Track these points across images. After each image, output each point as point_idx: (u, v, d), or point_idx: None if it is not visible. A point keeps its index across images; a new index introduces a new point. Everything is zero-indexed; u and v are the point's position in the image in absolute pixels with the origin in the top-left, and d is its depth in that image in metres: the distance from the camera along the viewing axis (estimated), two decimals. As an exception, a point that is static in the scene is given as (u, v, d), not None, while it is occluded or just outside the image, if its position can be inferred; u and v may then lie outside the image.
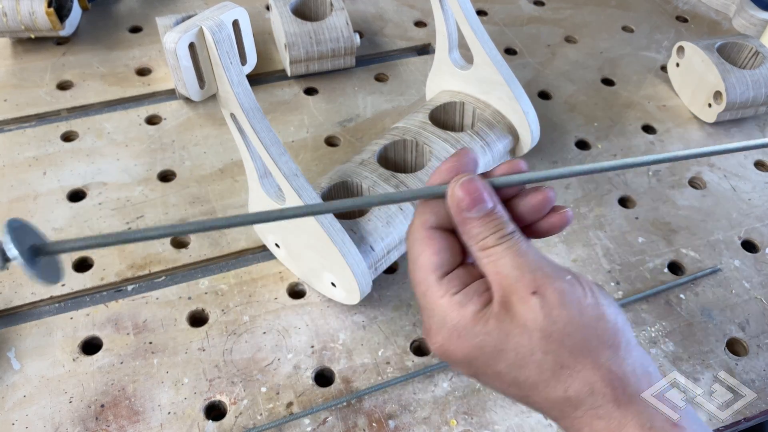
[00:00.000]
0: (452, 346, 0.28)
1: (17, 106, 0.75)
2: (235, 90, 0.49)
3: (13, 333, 0.55)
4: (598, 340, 0.27)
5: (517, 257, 0.28)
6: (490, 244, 0.28)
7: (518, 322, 0.27)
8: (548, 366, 0.27)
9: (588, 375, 0.27)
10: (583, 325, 0.27)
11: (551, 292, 0.27)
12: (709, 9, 0.97)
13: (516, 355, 0.27)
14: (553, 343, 0.27)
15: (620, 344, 0.28)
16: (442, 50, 0.69)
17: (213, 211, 0.65)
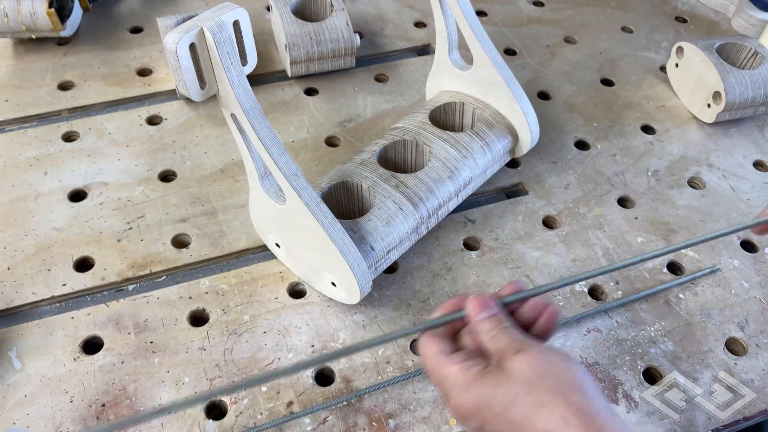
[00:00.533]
0: (462, 400, 0.37)
1: (18, 106, 0.75)
2: (236, 90, 0.49)
3: (15, 332, 0.56)
4: (568, 385, 0.35)
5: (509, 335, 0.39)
6: (495, 333, 0.39)
7: (507, 373, 0.37)
8: (531, 403, 0.35)
9: (562, 411, 0.34)
10: (555, 374, 0.36)
11: (530, 350, 0.37)
12: (709, 9, 0.97)
13: (507, 397, 0.36)
14: (533, 386, 0.36)
15: (586, 390, 0.35)
16: (441, 51, 0.69)
17: (213, 211, 0.66)
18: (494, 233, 0.65)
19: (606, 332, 0.58)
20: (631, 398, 0.54)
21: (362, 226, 0.56)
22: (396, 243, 0.58)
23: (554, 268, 0.63)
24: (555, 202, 0.69)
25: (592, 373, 0.55)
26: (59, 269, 0.60)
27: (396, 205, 0.58)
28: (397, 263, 0.62)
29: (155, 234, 0.63)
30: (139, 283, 0.60)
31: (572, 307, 0.60)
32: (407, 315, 0.58)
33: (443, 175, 0.61)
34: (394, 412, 0.52)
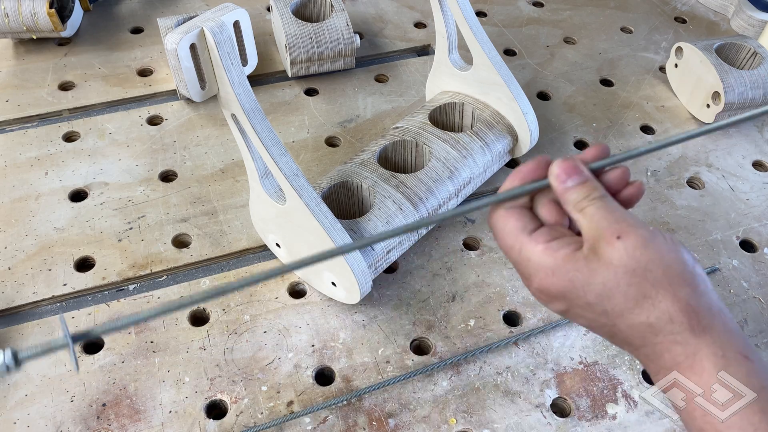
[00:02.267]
0: (547, 283, 0.34)
1: (19, 106, 0.76)
2: (236, 91, 0.49)
3: (15, 332, 0.56)
4: (677, 278, 0.32)
5: (606, 212, 0.33)
6: (585, 205, 0.34)
7: (605, 261, 0.32)
8: (632, 296, 0.32)
9: (668, 305, 0.31)
10: (664, 264, 0.32)
11: (634, 237, 0.32)
12: (708, 10, 0.97)
13: (603, 287, 0.32)
14: (636, 277, 0.32)
15: (698, 285, 0.32)
16: (441, 51, 0.70)
17: (214, 211, 0.66)
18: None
19: (605, 332, 0.58)
20: (631, 398, 0.54)
21: (362, 226, 0.56)
22: (396, 243, 0.58)
23: (554, 268, 0.63)
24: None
25: (591, 373, 0.55)
26: (60, 269, 0.60)
27: (396, 205, 0.58)
28: (397, 263, 0.62)
29: (156, 234, 0.64)
30: (139, 283, 0.60)
31: (572, 307, 0.60)
32: (407, 315, 0.58)
33: (443, 175, 0.61)
34: (394, 411, 0.52)
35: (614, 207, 0.34)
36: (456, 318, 0.58)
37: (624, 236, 0.32)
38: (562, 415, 0.53)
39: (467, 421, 0.52)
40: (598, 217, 0.33)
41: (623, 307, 0.32)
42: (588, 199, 0.34)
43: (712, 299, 0.32)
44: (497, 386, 0.54)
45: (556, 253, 0.34)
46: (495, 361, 0.56)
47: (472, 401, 0.53)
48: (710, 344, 0.31)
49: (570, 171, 0.35)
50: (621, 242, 0.32)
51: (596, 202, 0.34)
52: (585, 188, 0.34)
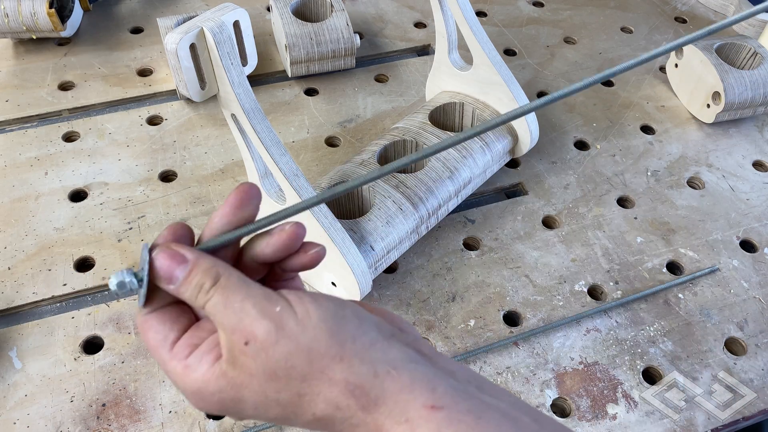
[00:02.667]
0: (202, 406, 0.30)
1: (19, 106, 0.76)
2: (236, 91, 0.49)
3: (15, 332, 0.56)
4: (325, 358, 0.28)
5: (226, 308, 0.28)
6: (203, 301, 0.29)
7: (245, 372, 0.28)
8: (287, 401, 0.28)
9: (328, 393, 0.28)
10: (304, 351, 0.28)
11: (261, 334, 0.28)
12: (708, 10, 0.97)
13: (256, 401, 0.28)
14: (281, 380, 0.28)
15: (350, 355, 0.28)
16: (441, 51, 0.70)
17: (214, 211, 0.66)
18: (494, 233, 0.65)
19: (605, 332, 0.58)
20: (631, 398, 0.54)
21: (362, 226, 0.56)
22: (396, 243, 0.58)
23: (554, 267, 0.63)
24: (554, 202, 0.69)
25: (592, 373, 0.55)
26: (60, 269, 0.60)
27: (396, 205, 0.58)
28: (397, 263, 0.62)
29: (156, 234, 0.63)
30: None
31: (572, 307, 0.60)
32: (407, 315, 0.58)
33: (443, 175, 0.61)
34: (394, 411, 0.52)
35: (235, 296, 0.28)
36: (456, 318, 0.58)
37: (251, 339, 0.28)
38: (563, 415, 0.53)
39: (467, 422, 0.52)
40: (219, 316, 0.28)
41: (286, 413, 0.28)
42: (203, 293, 0.29)
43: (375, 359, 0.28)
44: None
45: (195, 373, 0.29)
46: (495, 361, 0.56)
47: (472, 401, 0.53)
48: (389, 414, 0.27)
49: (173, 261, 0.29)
50: (250, 347, 0.28)
51: (213, 294, 0.28)
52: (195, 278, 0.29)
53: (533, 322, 0.58)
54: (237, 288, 0.29)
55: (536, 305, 0.60)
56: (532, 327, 0.58)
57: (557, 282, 0.62)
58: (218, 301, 0.28)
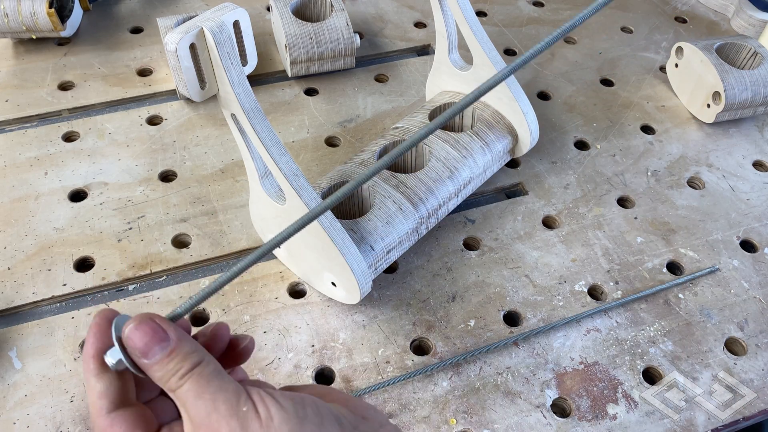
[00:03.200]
0: None
1: (19, 106, 0.75)
2: (236, 91, 0.49)
3: (15, 332, 0.56)
4: None
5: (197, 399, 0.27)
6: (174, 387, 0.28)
7: None
8: None
9: None
10: None
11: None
12: (708, 10, 0.97)
13: None
14: None
15: None
16: (441, 51, 0.70)
17: (214, 211, 0.66)
18: (494, 233, 0.65)
19: (606, 332, 0.58)
20: (631, 398, 0.54)
21: (362, 226, 0.56)
22: (396, 243, 0.58)
23: (554, 267, 0.63)
24: (555, 202, 0.69)
25: (592, 374, 0.55)
26: (59, 269, 0.60)
27: (396, 205, 0.58)
28: (397, 263, 0.62)
29: (155, 234, 0.64)
30: (139, 283, 0.60)
31: (572, 307, 0.60)
32: (407, 315, 0.58)
33: (443, 175, 0.61)
34: (394, 411, 0.52)
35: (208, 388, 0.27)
36: (456, 318, 0.58)
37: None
38: (563, 415, 0.53)
39: (467, 422, 0.52)
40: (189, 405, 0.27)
41: None
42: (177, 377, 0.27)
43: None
44: (497, 386, 0.54)
45: None
46: (495, 361, 0.56)
47: (472, 402, 0.53)
48: None
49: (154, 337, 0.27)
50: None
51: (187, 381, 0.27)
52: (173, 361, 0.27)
53: (533, 322, 0.58)
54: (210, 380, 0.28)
55: (536, 305, 0.60)
56: (532, 327, 0.58)
57: (557, 282, 0.62)
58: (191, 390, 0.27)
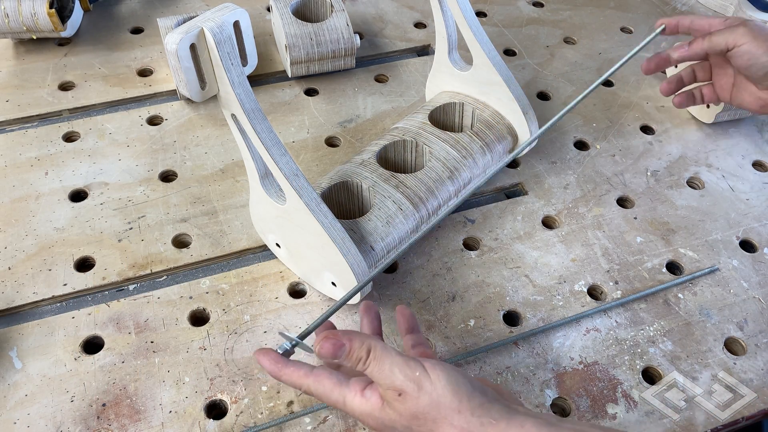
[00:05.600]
0: (371, 424, 0.42)
1: (19, 106, 0.76)
2: (236, 91, 0.49)
3: (15, 332, 0.56)
4: (447, 409, 0.40)
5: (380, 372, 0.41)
6: (362, 369, 0.41)
7: (397, 412, 0.41)
8: None
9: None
10: (435, 403, 0.40)
11: (409, 391, 0.40)
12: (707, 10, 0.97)
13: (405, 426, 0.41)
14: (420, 420, 0.40)
15: (465, 409, 0.39)
16: (441, 51, 0.70)
17: (214, 211, 0.66)
18: (494, 233, 0.65)
19: (605, 332, 0.58)
20: (631, 398, 0.54)
21: (362, 226, 0.56)
22: (396, 243, 0.58)
23: (553, 267, 0.63)
24: (554, 202, 0.69)
25: (591, 373, 0.55)
26: (60, 269, 0.60)
27: (396, 205, 0.58)
28: (397, 263, 0.62)
29: (156, 234, 0.64)
30: (139, 283, 0.60)
31: (571, 307, 0.60)
32: (407, 315, 0.58)
33: (443, 175, 0.61)
34: (394, 411, 0.52)
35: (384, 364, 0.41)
36: (456, 318, 0.58)
37: (402, 393, 0.40)
38: (562, 414, 0.53)
39: (467, 421, 0.52)
40: (377, 377, 0.41)
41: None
42: (362, 363, 0.41)
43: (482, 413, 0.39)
44: (497, 386, 0.54)
45: (369, 401, 0.42)
46: (495, 361, 0.56)
47: (472, 401, 0.53)
48: None
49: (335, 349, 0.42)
50: (401, 398, 0.40)
51: (369, 364, 0.41)
52: (353, 354, 0.42)
53: (533, 322, 0.59)
54: (384, 357, 0.41)
55: (536, 305, 0.60)
56: (532, 327, 0.58)
57: (557, 282, 0.62)
58: (374, 369, 0.41)
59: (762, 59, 0.55)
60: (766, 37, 0.56)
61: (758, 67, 0.56)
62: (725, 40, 0.57)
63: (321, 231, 0.52)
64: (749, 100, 0.61)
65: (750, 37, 0.55)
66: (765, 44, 0.55)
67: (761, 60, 0.55)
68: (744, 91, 0.61)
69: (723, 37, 0.57)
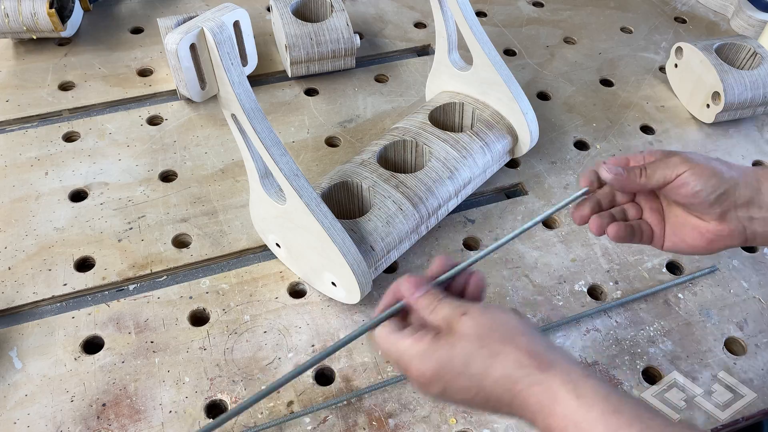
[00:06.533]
0: (422, 368, 0.40)
1: (19, 106, 0.76)
2: (236, 91, 0.49)
3: (15, 332, 0.56)
4: (515, 332, 0.39)
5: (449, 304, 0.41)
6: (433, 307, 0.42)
7: (458, 334, 0.40)
8: (486, 354, 0.38)
9: (515, 355, 0.38)
10: (501, 325, 0.40)
11: (474, 310, 0.40)
12: (708, 10, 0.97)
13: (463, 356, 0.39)
14: (485, 339, 0.39)
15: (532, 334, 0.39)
16: (441, 51, 0.70)
17: (214, 211, 0.66)
18: (494, 233, 0.65)
19: (605, 332, 0.58)
20: (631, 398, 0.54)
21: (362, 226, 0.56)
22: (396, 243, 0.58)
23: (554, 267, 0.63)
24: (554, 202, 0.69)
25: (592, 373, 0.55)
26: (60, 269, 0.60)
27: (396, 205, 0.58)
28: (397, 263, 0.62)
29: (156, 234, 0.64)
30: (139, 283, 0.60)
31: (572, 307, 0.60)
32: (407, 315, 0.58)
33: (443, 175, 0.61)
34: (394, 411, 0.52)
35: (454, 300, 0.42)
36: (456, 318, 0.58)
37: (467, 312, 0.40)
38: (562, 415, 0.53)
39: (467, 421, 0.52)
40: (445, 309, 0.41)
41: (483, 367, 0.38)
42: (434, 302, 0.42)
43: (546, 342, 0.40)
44: (497, 386, 0.54)
45: (422, 340, 0.40)
46: (495, 361, 0.56)
47: (472, 401, 0.53)
48: (557, 375, 0.37)
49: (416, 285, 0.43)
50: (466, 316, 0.40)
51: (441, 302, 0.42)
52: (430, 296, 0.42)
53: (533, 322, 0.58)
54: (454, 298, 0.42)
55: (536, 305, 0.60)
56: (532, 327, 0.58)
57: (557, 282, 0.62)
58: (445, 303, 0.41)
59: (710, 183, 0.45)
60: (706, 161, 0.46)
61: (706, 196, 0.45)
62: (663, 174, 0.46)
63: (321, 231, 0.52)
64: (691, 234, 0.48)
65: (689, 164, 0.46)
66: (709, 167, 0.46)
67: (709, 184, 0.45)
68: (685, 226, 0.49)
69: (660, 171, 0.47)
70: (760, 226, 0.46)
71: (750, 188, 0.46)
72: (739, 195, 0.46)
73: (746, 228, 0.47)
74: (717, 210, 0.46)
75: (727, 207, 0.46)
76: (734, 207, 0.46)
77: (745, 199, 0.46)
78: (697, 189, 0.45)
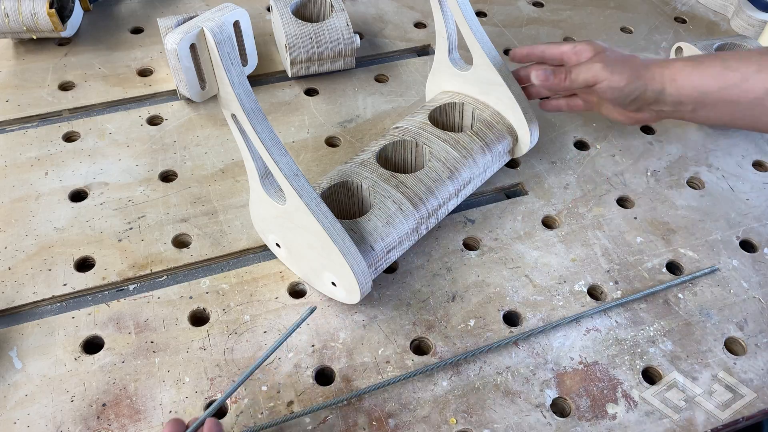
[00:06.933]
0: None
1: (19, 106, 0.76)
2: (236, 91, 0.49)
3: (15, 332, 0.56)
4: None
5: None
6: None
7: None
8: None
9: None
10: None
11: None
12: (708, 10, 0.97)
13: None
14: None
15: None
16: (441, 51, 0.70)
17: (214, 211, 0.66)
18: (494, 233, 0.65)
19: (605, 332, 0.58)
20: (631, 398, 0.54)
21: (362, 226, 0.56)
22: (396, 243, 0.58)
23: (554, 267, 0.63)
24: (554, 202, 0.69)
25: (591, 373, 0.55)
26: (60, 269, 0.60)
27: (396, 205, 0.58)
28: (396, 263, 0.62)
29: (156, 234, 0.64)
30: (139, 283, 0.60)
31: (572, 307, 0.60)
32: (407, 315, 0.58)
33: (443, 175, 0.61)
34: (394, 411, 0.52)
35: None
36: (456, 318, 0.58)
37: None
38: (562, 415, 0.53)
39: (467, 421, 0.52)
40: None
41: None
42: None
43: None
44: (497, 386, 0.54)
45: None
46: (495, 361, 0.56)
47: (472, 401, 0.53)
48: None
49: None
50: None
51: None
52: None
53: (533, 322, 0.59)
54: None
55: (536, 305, 0.60)
56: (532, 327, 0.58)
57: (557, 282, 0.62)
58: None
59: (625, 90, 0.59)
60: (622, 67, 0.60)
61: (623, 98, 0.60)
62: (584, 79, 0.61)
63: (321, 231, 0.52)
64: (617, 115, 0.64)
65: (608, 72, 0.59)
66: (624, 75, 0.59)
67: (625, 91, 0.59)
68: (611, 110, 0.64)
69: (582, 76, 0.61)
70: (666, 113, 0.61)
71: (655, 91, 0.59)
72: (648, 97, 0.60)
73: (658, 114, 0.62)
74: (632, 107, 0.61)
75: (639, 105, 0.61)
76: (646, 104, 0.61)
77: (653, 98, 0.60)
78: (614, 96, 0.60)
